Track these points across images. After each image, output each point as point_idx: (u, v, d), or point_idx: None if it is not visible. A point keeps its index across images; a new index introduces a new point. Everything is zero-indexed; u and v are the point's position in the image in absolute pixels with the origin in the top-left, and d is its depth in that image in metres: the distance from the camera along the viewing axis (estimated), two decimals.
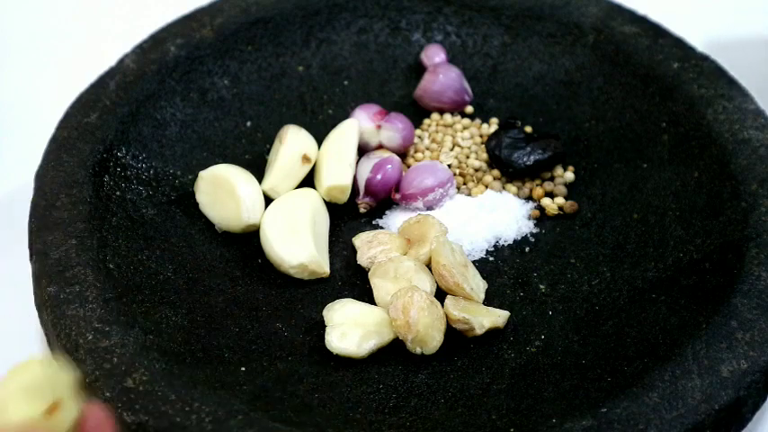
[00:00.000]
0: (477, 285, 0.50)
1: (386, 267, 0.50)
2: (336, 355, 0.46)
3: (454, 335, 0.47)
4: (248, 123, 0.58)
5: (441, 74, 0.59)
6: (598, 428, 0.39)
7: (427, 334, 0.46)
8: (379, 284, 0.50)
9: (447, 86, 0.59)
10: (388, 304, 0.48)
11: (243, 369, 0.45)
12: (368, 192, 0.54)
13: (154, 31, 0.59)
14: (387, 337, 0.47)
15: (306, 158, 0.54)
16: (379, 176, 0.54)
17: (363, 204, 0.54)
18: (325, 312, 0.48)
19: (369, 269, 0.51)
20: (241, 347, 0.47)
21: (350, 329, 0.47)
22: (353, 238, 0.53)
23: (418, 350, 0.47)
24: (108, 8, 0.75)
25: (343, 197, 0.54)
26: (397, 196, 0.54)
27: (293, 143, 0.55)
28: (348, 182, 0.54)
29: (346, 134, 0.55)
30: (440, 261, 0.49)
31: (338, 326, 0.47)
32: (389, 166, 0.54)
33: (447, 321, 0.47)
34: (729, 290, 0.44)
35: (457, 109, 0.60)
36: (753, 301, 0.43)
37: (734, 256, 0.46)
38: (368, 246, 0.52)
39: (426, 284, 0.49)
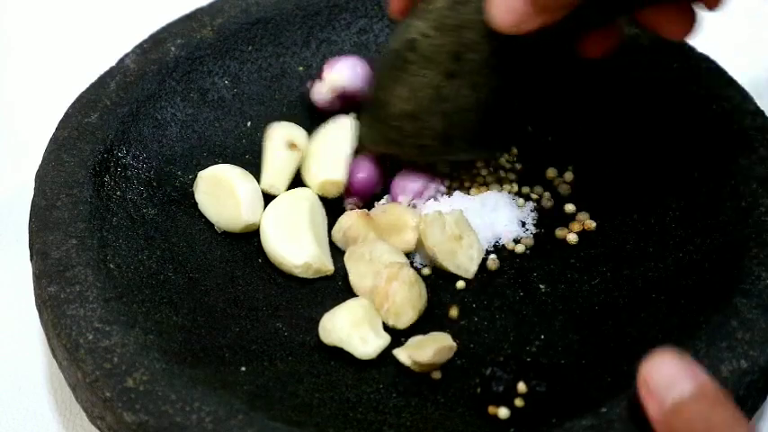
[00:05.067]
0: (470, 258, 0.51)
1: (361, 251, 0.50)
2: (359, 359, 0.46)
3: (455, 334, 0.47)
4: (248, 123, 0.58)
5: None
6: (598, 428, 0.39)
7: (402, 307, 0.47)
8: (353, 268, 0.50)
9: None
10: (363, 288, 0.49)
11: (243, 369, 0.45)
12: (350, 192, 0.54)
13: (154, 31, 0.59)
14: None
15: (292, 145, 0.55)
16: (360, 175, 0.54)
17: (351, 204, 0.54)
18: (325, 323, 0.47)
19: (344, 248, 0.52)
20: (241, 347, 0.47)
21: (365, 332, 0.47)
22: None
23: (390, 322, 0.48)
24: (108, 8, 0.75)
25: (337, 192, 0.54)
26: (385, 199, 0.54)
27: (276, 135, 0.55)
28: (341, 177, 0.54)
29: (342, 128, 0.55)
30: (425, 242, 0.50)
31: (354, 332, 0.47)
32: (367, 163, 0.54)
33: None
34: (729, 290, 0.44)
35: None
36: (753, 300, 0.43)
37: (734, 255, 0.46)
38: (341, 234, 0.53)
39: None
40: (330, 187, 0.54)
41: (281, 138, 0.55)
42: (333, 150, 0.55)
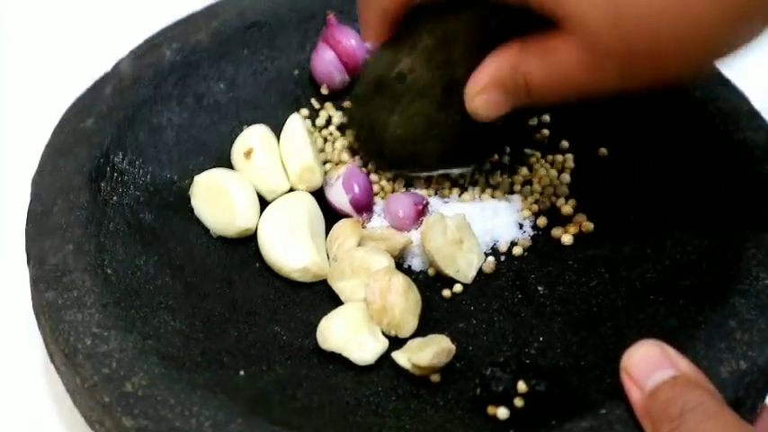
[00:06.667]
0: (469, 263, 0.50)
1: (341, 267, 0.50)
2: (357, 364, 0.46)
3: (453, 337, 0.47)
4: (245, 127, 0.58)
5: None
6: (598, 429, 0.39)
7: (403, 318, 0.47)
8: (343, 289, 0.50)
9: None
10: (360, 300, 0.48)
11: (242, 373, 0.45)
12: (358, 209, 0.54)
13: (149, 35, 0.59)
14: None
15: (247, 153, 0.55)
16: (356, 189, 0.53)
17: (365, 221, 0.54)
18: (322, 329, 0.47)
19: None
20: (240, 351, 0.47)
21: (363, 337, 0.47)
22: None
23: (393, 333, 0.47)
24: (103, 13, 0.75)
25: (314, 176, 0.54)
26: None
27: (237, 150, 0.56)
28: (310, 159, 0.54)
29: (294, 128, 0.56)
30: (425, 245, 0.50)
31: (351, 337, 0.47)
32: (354, 173, 0.54)
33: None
34: (727, 290, 0.44)
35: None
36: (751, 301, 0.43)
37: (732, 256, 0.46)
38: (333, 243, 0.52)
39: (384, 262, 0.49)
40: (307, 174, 0.54)
41: (238, 152, 0.56)
42: (294, 145, 0.55)
